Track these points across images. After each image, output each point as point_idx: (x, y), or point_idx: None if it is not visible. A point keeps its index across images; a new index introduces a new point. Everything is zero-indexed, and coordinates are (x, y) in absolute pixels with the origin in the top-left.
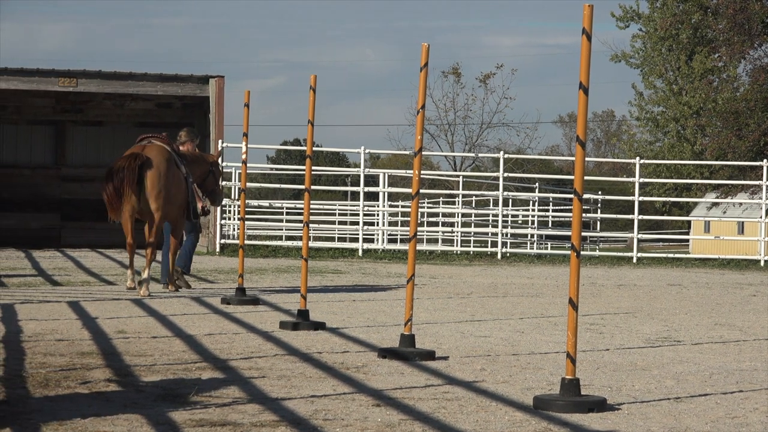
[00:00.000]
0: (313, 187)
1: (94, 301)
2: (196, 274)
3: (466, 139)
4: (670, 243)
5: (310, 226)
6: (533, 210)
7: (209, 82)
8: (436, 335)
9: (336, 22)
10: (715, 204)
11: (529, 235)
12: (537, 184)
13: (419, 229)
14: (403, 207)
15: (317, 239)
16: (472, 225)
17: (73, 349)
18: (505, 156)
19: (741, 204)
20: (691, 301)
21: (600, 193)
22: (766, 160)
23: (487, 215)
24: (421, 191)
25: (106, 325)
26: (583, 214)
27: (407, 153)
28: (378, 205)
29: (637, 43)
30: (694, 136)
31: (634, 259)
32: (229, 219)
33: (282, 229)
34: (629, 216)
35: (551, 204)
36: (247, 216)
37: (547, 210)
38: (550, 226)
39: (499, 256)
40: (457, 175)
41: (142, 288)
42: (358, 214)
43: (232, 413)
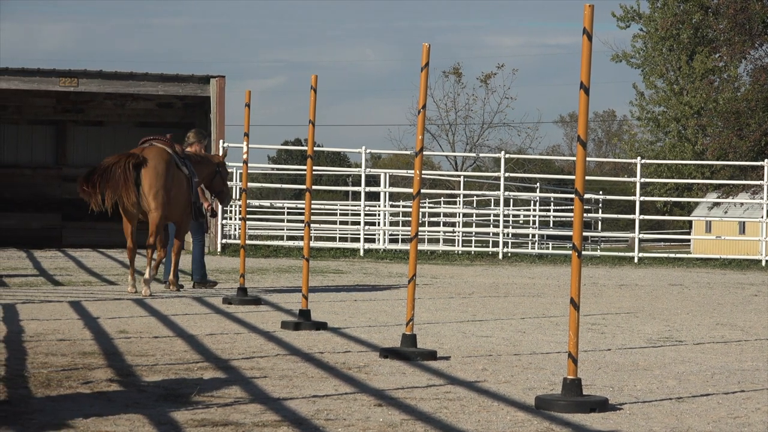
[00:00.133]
0: (314, 187)
1: (95, 301)
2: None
3: (467, 139)
4: (672, 243)
5: (312, 226)
6: (534, 210)
7: (210, 82)
8: (438, 335)
9: (336, 22)
10: (717, 204)
11: (530, 235)
12: (538, 184)
13: (420, 229)
14: (404, 207)
15: (318, 239)
16: (474, 225)
17: (74, 349)
18: (506, 156)
19: (742, 204)
20: (692, 301)
21: (601, 193)
22: (766, 160)
23: (489, 215)
24: (422, 191)
25: (107, 325)
26: (585, 214)
27: (408, 153)
28: (379, 205)
29: (637, 43)
30: (695, 136)
31: (636, 259)
32: (230, 219)
33: (283, 229)
34: (630, 216)
35: (552, 204)
36: (248, 216)
37: (549, 210)
38: (552, 226)
39: (500, 256)
40: (458, 175)
41: (144, 288)
42: (359, 214)
43: (233, 413)
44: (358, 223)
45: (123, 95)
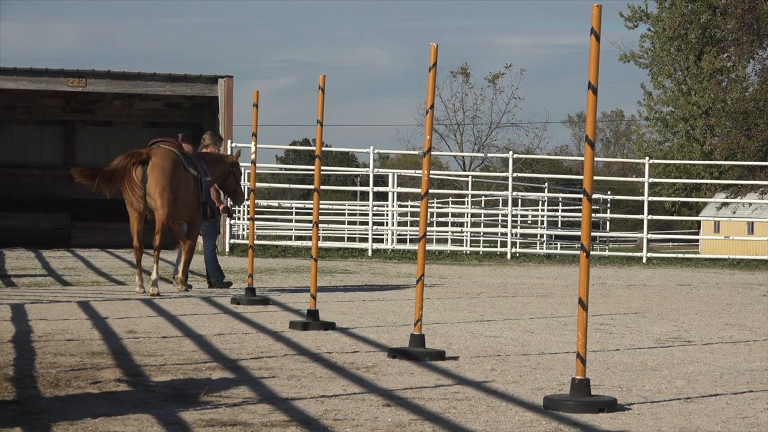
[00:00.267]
0: (322, 187)
1: (104, 301)
2: (204, 274)
3: (475, 139)
4: (680, 243)
5: (320, 226)
6: (542, 210)
7: (218, 82)
8: (446, 335)
9: (345, 22)
10: (725, 204)
11: (538, 235)
12: (546, 184)
13: (428, 229)
14: (412, 207)
15: (327, 239)
16: (482, 225)
17: (83, 348)
18: (515, 156)
19: (751, 204)
20: (701, 301)
21: (609, 193)
22: None
23: (497, 215)
24: (430, 191)
25: (116, 325)
26: (593, 214)
27: (416, 153)
28: (387, 205)
29: (645, 43)
30: (704, 136)
31: (644, 259)
32: (238, 219)
33: (291, 229)
34: (639, 216)
35: (560, 204)
36: (256, 216)
37: (557, 210)
38: (560, 226)
39: (508, 256)
40: (467, 175)
41: (151, 288)
42: (367, 214)
43: (242, 413)
44: (367, 223)
45: (131, 95)
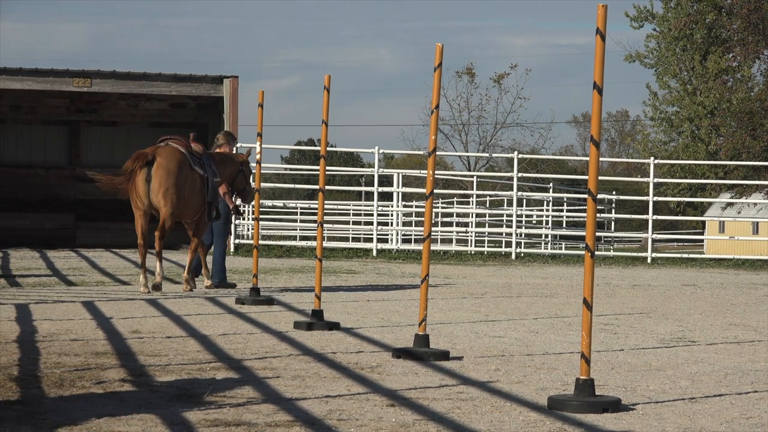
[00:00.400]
0: (327, 187)
1: (108, 301)
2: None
3: (480, 139)
4: (685, 243)
5: (324, 226)
6: (547, 210)
7: (223, 82)
8: (451, 335)
9: (350, 22)
10: (730, 204)
11: (543, 236)
12: (551, 184)
13: (433, 229)
14: (417, 207)
15: (331, 239)
16: (486, 225)
17: (87, 349)
18: (519, 156)
19: (755, 204)
20: (705, 302)
21: (614, 193)
22: None
23: (501, 215)
24: (435, 191)
25: (120, 325)
26: (598, 214)
27: (421, 153)
28: (392, 205)
29: (651, 43)
30: (709, 136)
31: (649, 260)
32: (243, 219)
33: (296, 230)
34: (644, 216)
35: (565, 204)
36: (261, 216)
37: (562, 210)
38: (565, 226)
39: (513, 257)
40: (471, 176)
41: (157, 277)
42: (372, 214)
43: (246, 413)
44: (371, 223)
45: (136, 95)
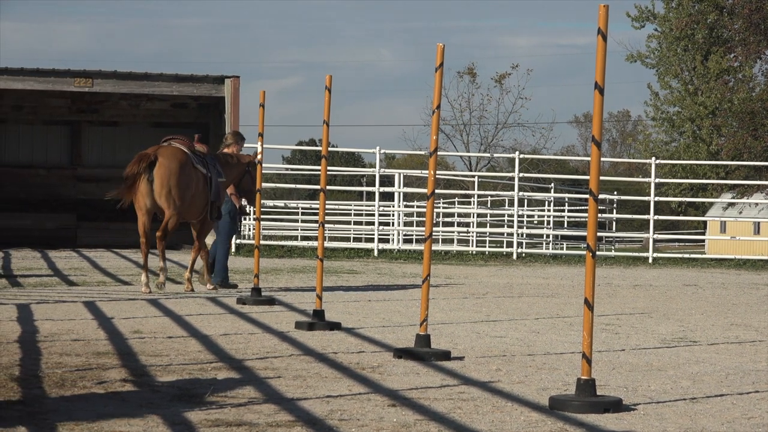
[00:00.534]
0: (328, 187)
1: (109, 301)
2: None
3: (481, 140)
4: (686, 243)
5: (326, 226)
6: (548, 210)
7: (224, 82)
8: (452, 335)
9: (351, 22)
10: (731, 204)
11: (544, 236)
12: (552, 185)
13: (435, 229)
14: (418, 207)
15: (332, 239)
16: (488, 225)
17: (88, 349)
18: (521, 156)
19: (757, 204)
20: (706, 302)
21: (616, 193)
22: None
23: (503, 215)
24: (436, 191)
25: (121, 325)
26: (599, 215)
27: (423, 153)
28: (393, 206)
29: (652, 43)
30: (710, 137)
31: (650, 260)
32: (244, 219)
33: (297, 230)
34: (645, 216)
35: (567, 204)
36: (262, 216)
37: (563, 210)
38: (566, 226)
39: (514, 257)
40: (473, 176)
41: (161, 274)
42: (373, 215)
43: (247, 413)
44: (373, 223)
45: (138, 95)
